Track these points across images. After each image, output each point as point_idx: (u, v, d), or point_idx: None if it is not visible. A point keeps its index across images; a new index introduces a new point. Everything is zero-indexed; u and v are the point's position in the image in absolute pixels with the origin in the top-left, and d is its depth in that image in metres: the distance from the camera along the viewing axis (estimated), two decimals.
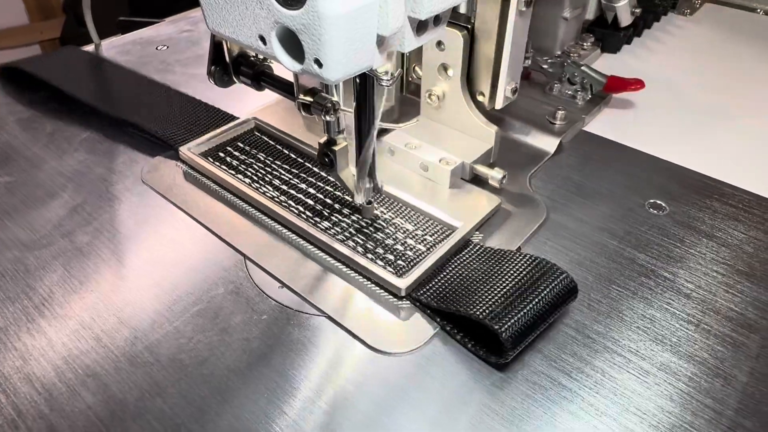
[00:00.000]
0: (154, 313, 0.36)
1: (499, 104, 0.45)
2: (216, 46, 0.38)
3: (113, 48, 0.66)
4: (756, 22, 0.76)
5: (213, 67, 0.38)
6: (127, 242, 0.41)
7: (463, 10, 0.45)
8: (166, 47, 0.67)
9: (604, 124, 0.55)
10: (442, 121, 0.48)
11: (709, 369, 0.33)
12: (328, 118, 0.35)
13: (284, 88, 0.37)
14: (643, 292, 0.38)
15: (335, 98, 0.35)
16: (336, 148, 0.39)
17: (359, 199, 0.41)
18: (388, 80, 0.34)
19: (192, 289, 0.38)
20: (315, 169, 0.47)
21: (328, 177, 0.46)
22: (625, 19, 0.65)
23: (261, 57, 0.38)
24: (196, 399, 0.32)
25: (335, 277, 0.39)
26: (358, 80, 0.35)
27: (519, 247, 0.41)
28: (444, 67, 0.46)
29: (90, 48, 0.65)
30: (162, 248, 0.41)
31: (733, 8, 0.80)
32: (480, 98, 0.46)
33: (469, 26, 0.44)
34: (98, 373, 0.33)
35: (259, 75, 0.37)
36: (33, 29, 2.15)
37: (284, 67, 0.31)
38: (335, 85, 0.37)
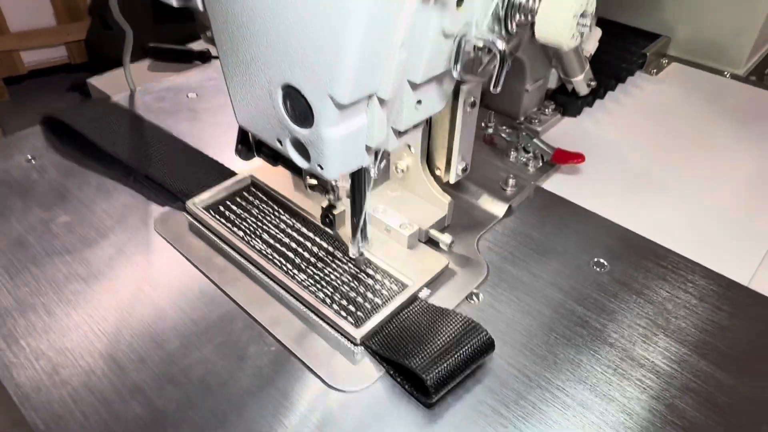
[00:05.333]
0: (186, 341, 0.46)
1: (452, 180, 0.54)
2: (242, 129, 0.47)
3: (148, 94, 0.76)
4: (721, 84, 0.81)
5: (239, 146, 0.48)
6: (159, 278, 0.51)
7: None
8: (195, 95, 0.76)
9: (555, 186, 0.63)
10: (407, 188, 0.57)
11: (617, 406, 0.42)
12: (329, 196, 0.44)
13: (297, 169, 0.46)
14: (576, 340, 0.47)
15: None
16: (335, 212, 0.49)
17: (353, 252, 0.51)
18: (375, 171, 0.43)
19: (215, 321, 0.47)
20: (298, 225, 0.55)
21: (311, 234, 0.54)
22: (583, 91, 0.72)
23: None
24: (219, 413, 0.41)
25: (304, 325, 0.47)
26: None
27: (458, 304, 0.49)
28: (408, 145, 0.54)
29: (126, 93, 0.76)
30: (186, 287, 0.51)
31: (700, 69, 0.85)
32: (437, 173, 0.55)
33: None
34: (143, 389, 0.43)
35: (277, 157, 0.47)
36: (60, 31, 2.26)
37: (295, 163, 0.40)
38: None
